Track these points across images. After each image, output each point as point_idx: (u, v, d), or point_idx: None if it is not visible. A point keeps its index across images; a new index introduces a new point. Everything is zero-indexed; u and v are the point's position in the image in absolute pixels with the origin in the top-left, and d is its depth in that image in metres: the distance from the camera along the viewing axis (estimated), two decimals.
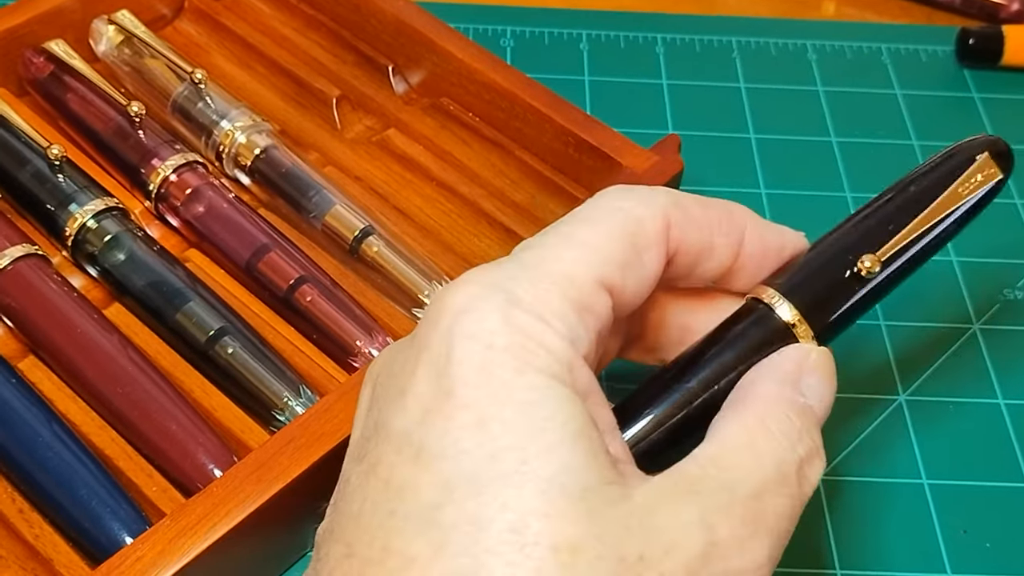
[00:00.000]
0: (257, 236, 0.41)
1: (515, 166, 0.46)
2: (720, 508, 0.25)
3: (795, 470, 0.26)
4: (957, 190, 0.31)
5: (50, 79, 0.45)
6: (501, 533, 0.23)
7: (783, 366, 0.28)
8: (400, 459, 0.24)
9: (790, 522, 0.26)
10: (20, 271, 0.38)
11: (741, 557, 0.24)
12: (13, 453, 0.34)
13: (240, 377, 0.37)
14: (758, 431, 0.27)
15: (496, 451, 0.23)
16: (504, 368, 0.24)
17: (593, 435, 0.24)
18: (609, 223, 0.27)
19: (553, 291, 0.25)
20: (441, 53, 0.47)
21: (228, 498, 0.32)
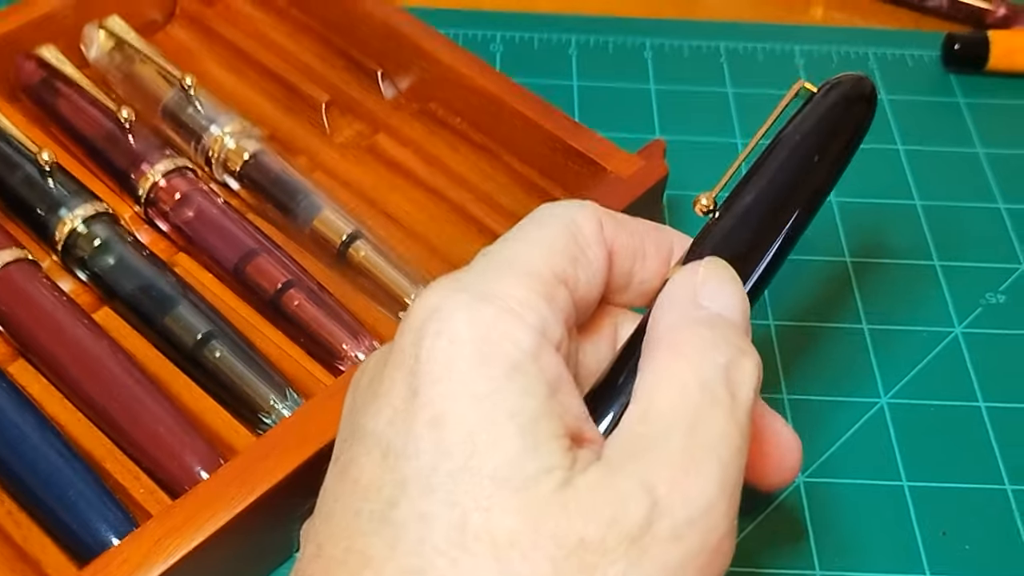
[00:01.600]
0: (245, 241, 0.41)
1: (502, 171, 0.47)
2: (657, 463, 0.24)
3: (721, 381, 0.25)
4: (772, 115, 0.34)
5: (41, 85, 0.45)
6: (447, 530, 0.23)
7: (675, 294, 0.28)
8: (369, 460, 0.25)
9: (736, 440, 0.25)
10: (10, 275, 0.39)
11: (686, 504, 0.24)
12: (2, 455, 0.35)
13: (227, 380, 0.38)
14: (672, 361, 0.26)
15: (448, 447, 0.24)
16: (465, 362, 0.25)
17: (544, 425, 0.24)
18: (552, 223, 0.28)
19: (518, 283, 0.26)
20: (430, 58, 0.48)
21: (214, 500, 0.33)
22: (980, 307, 0.46)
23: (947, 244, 0.49)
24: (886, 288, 0.47)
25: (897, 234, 0.49)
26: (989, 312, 0.46)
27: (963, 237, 0.49)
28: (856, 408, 0.42)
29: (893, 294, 0.46)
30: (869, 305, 0.46)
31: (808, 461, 0.41)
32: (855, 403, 0.42)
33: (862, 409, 0.42)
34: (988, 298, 0.47)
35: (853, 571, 0.38)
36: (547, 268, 0.27)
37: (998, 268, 0.48)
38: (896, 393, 0.43)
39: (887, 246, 0.48)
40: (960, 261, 0.48)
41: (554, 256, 0.27)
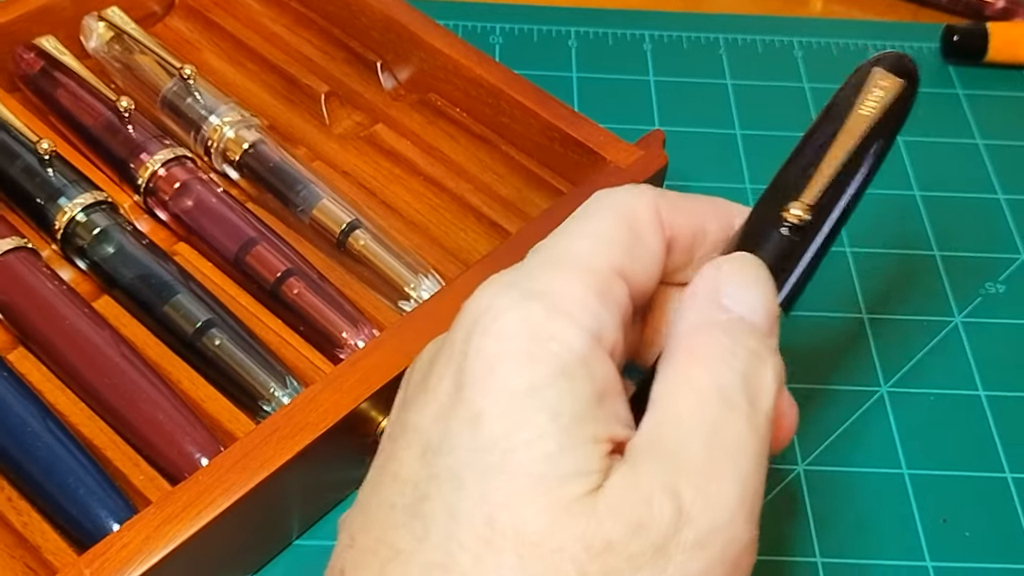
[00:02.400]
0: (245, 230, 0.41)
1: (501, 161, 0.47)
2: (681, 469, 0.24)
3: (740, 388, 0.25)
4: (859, 111, 0.29)
5: (40, 75, 0.45)
6: (475, 527, 0.23)
7: (697, 293, 0.27)
8: (409, 454, 0.25)
9: (755, 447, 0.24)
10: (9, 264, 0.39)
11: (709, 512, 0.23)
12: (2, 443, 0.35)
13: (227, 368, 0.38)
14: (689, 366, 0.25)
15: (484, 445, 0.23)
16: (511, 362, 0.24)
17: (584, 427, 0.24)
18: (606, 214, 0.27)
19: (573, 281, 0.25)
20: (429, 49, 0.48)
21: (213, 486, 0.33)
22: (980, 297, 0.46)
23: (947, 234, 0.49)
24: (886, 278, 0.47)
25: (897, 224, 0.49)
26: (989, 302, 0.46)
27: (962, 227, 0.49)
28: (856, 397, 0.42)
29: (893, 284, 0.47)
30: (869, 295, 0.46)
31: (809, 449, 0.41)
32: (855, 392, 0.42)
33: (862, 398, 0.42)
34: (987, 288, 0.47)
35: (854, 558, 0.38)
36: (603, 262, 0.26)
37: (997, 258, 0.48)
38: (896, 382, 0.43)
39: (887, 236, 0.48)
40: (959, 251, 0.48)
41: (610, 249, 0.26)
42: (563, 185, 0.45)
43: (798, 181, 0.29)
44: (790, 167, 0.30)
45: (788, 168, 0.30)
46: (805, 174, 0.29)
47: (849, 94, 0.30)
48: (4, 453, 0.35)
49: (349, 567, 0.25)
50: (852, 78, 0.30)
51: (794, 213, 0.28)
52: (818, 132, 0.30)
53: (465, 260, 0.44)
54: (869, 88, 0.30)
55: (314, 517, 0.38)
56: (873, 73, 0.30)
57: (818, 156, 0.29)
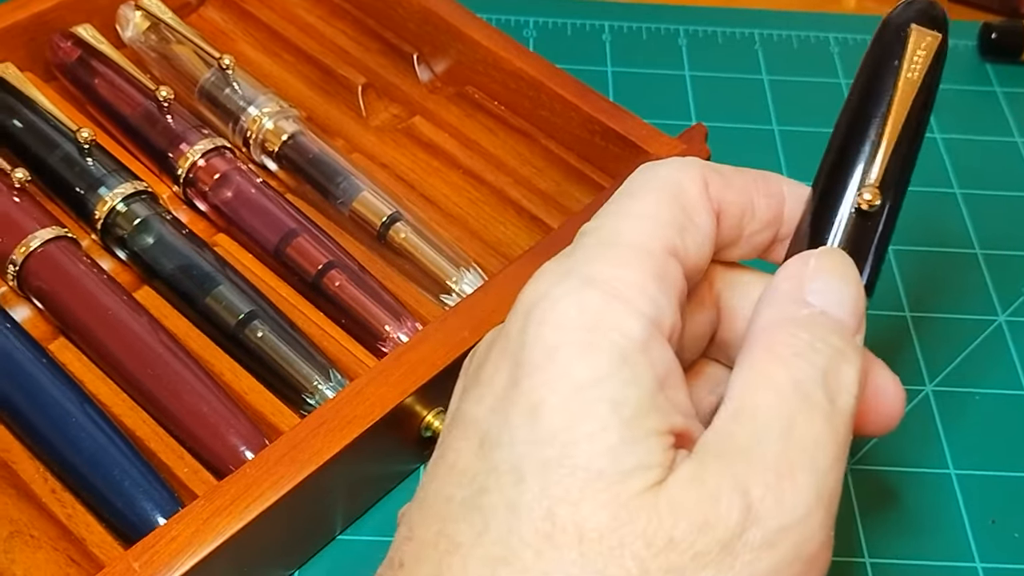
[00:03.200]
0: (285, 221, 0.41)
1: (540, 154, 0.46)
2: (751, 465, 0.23)
3: (819, 385, 0.24)
4: (908, 76, 0.28)
5: (78, 64, 0.45)
6: (535, 521, 0.22)
7: (780, 288, 0.26)
8: (466, 445, 0.24)
9: (834, 448, 0.24)
10: (50, 253, 0.38)
11: (781, 510, 0.23)
12: (46, 433, 0.35)
13: (270, 360, 0.37)
14: (767, 362, 0.24)
15: (544, 437, 0.23)
16: (569, 351, 0.24)
17: (647, 419, 0.23)
18: (654, 191, 0.26)
19: (629, 266, 0.25)
20: (467, 41, 0.47)
21: (261, 479, 0.32)
22: (1023, 296, 0.46)
23: (988, 233, 0.48)
24: (928, 276, 0.46)
25: (938, 222, 0.49)
26: None
27: (1003, 225, 0.49)
28: None
29: (935, 282, 0.46)
30: (912, 293, 0.45)
31: (854, 448, 0.40)
32: None
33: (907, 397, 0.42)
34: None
35: (902, 559, 0.37)
36: (656, 242, 0.25)
37: None
38: (941, 381, 0.42)
39: (928, 234, 0.48)
40: (1002, 250, 0.47)
41: (662, 228, 0.26)
42: (603, 179, 0.45)
43: (862, 159, 0.28)
44: (850, 144, 0.28)
45: (848, 146, 0.28)
46: (868, 151, 0.28)
47: (890, 57, 0.28)
48: (48, 444, 0.35)
49: (408, 560, 0.24)
50: (886, 36, 0.28)
51: (866, 198, 0.27)
52: (869, 102, 0.28)
53: (505, 254, 0.43)
54: (913, 50, 0.28)
55: (357, 512, 0.37)
56: (912, 32, 0.28)
57: (877, 130, 0.28)
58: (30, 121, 0.42)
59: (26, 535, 0.34)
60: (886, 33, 0.28)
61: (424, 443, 0.37)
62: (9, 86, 0.43)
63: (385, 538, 0.37)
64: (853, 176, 0.28)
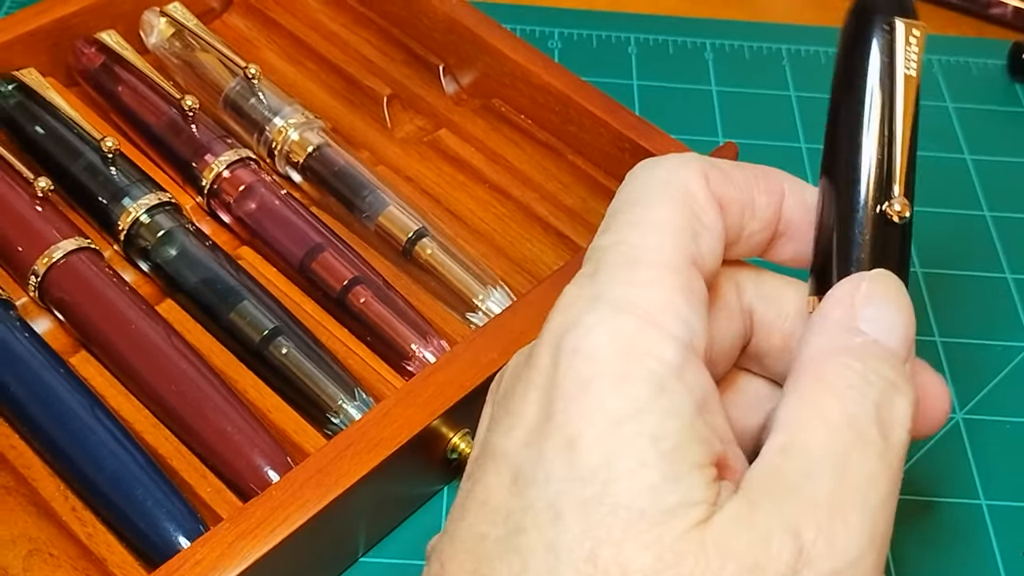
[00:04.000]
0: (311, 235, 0.40)
1: (567, 170, 0.46)
2: (802, 504, 0.22)
3: (873, 420, 0.23)
4: (907, 73, 0.26)
5: (101, 70, 0.44)
6: (576, 563, 0.22)
7: (830, 314, 0.25)
8: (498, 481, 0.24)
9: (887, 485, 0.23)
10: (73, 265, 0.38)
11: (833, 553, 0.22)
12: (67, 450, 0.34)
13: (294, 378, 0.37)
14: (818, 394, 0.24)
15: (581, 473, 0.22)
16: (604, 382, 0.23)
17: (689, 452, 0.23)
18: (663, 197, 0.25)
19: (657, 285, 0.24)
20: (494, 53, 0.47)
21: (287, 502, 0.32)
22: None
23: (1018, 256, 0.48)
24: (957, 301, 0.46)
25: (967, 245, 0.48)
26: None
27: None
28: None
29: (965, 307, 0.45)
30: (941, 318, 0.45)
31: None
32: None
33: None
34: None
35: None
36: (677, 256, 0.24)
37: None
38: (971, 409, 0.42)
39: (957, 257, 0.47)
40: None
41: (679, 238, 0.25)
42: None
43: (882, 168, 0.26)
44: (862, 152, 0.26)
45: (861, 153, 0.26)
46: (886, 158, 0.26)
47: (883, 56, 0.26)
48: (69, 461, 0.34)
49: None
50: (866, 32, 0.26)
51: (896, 209, 0.26)
52: (874, 106, 0.26)
53: (531, 271, 0.43)
54: (906, 44, 0.26)
55: (381, 534, 0.37)
56: (900, 26, 0.26)
57: (890, 134, 0.26)
58: (53, 128, 0.41)
59: (45, 553, 0.33)
60: (865, 29, 0.26)
61: (449, 465, 0.37)
62: (31, 92, 0.43)
63: (408, 561, 0.36)
64: (877, 185, 0.26)
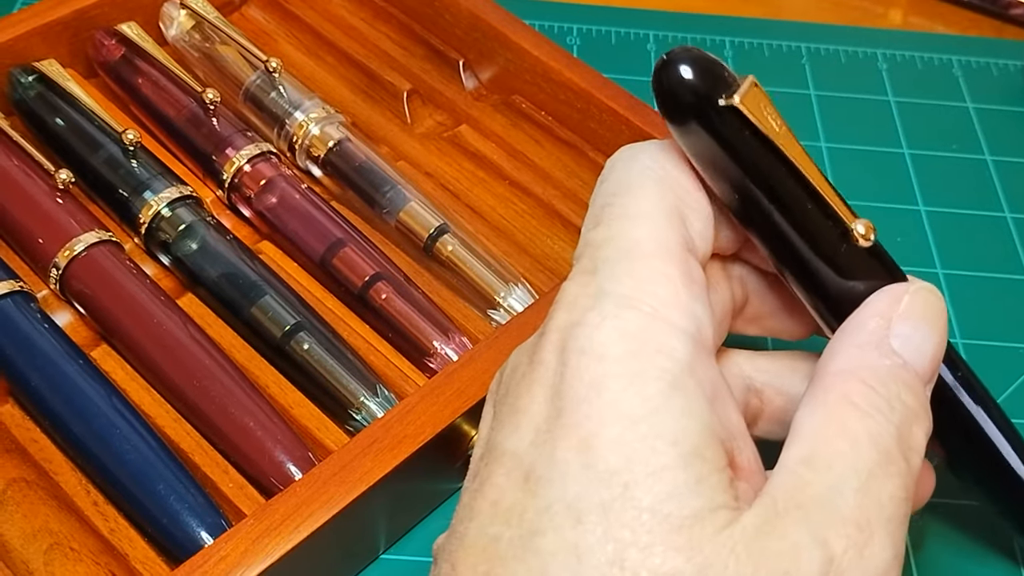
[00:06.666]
0: (332, 230, 0.40)
1: (588, 167, 0.45)
2: (830, 518, 0.23)
3: (895, 444, 0.24)
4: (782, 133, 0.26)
5: (121, 62, 0.44)
6: (600, 565, 0.22)
7: (867, 325, 0.25)
8: (509, 482, 0.23)
9: (905, 504, 0.24)
10: (94, 258, 0.38)
11: (863, 567, 0.22)
12: (88, 444, 0.34)
13: (316, 374, 0.37)
14: (845, 413, 0.24)
15: (600, 475, 0.22)
16: (615, 381, 0.23)
17: (708, 453, 0.23)
18: (647, 185, 0.25)
19: (658, 278, 0.24)
20: (515, 49, 0.46)
21: (312, 499, 0.32)
22: None
23: None
24: (978, 302, 0.45)
25: (987, 247, 0.48)
26: None
27: None
28: None
29: (986, 308, 0.45)
30: (961, 320, 0.44)
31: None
32: None
33: None
34: None
35: None
36: (672, 243, 0.25)
37: None
38: None
39: (978, 259, 0.47)
40: None
41: (671, 226, 0.25)
42: None
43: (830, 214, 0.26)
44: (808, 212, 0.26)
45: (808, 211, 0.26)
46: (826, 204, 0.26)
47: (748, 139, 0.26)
48: (91, 455, 0.34)
49: None
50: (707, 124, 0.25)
51: (862, 233, 0.26)
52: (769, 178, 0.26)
53: (552, 268, 0.42)
54: (755, 111, 0.26)
55: (401, 531, 0.36)
56: (746, 94, 0.25)
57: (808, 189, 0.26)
58: (73, 120, 0.41)
59: (66, 548, 0.33)
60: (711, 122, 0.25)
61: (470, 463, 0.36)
62: (52, 83, 0.42)
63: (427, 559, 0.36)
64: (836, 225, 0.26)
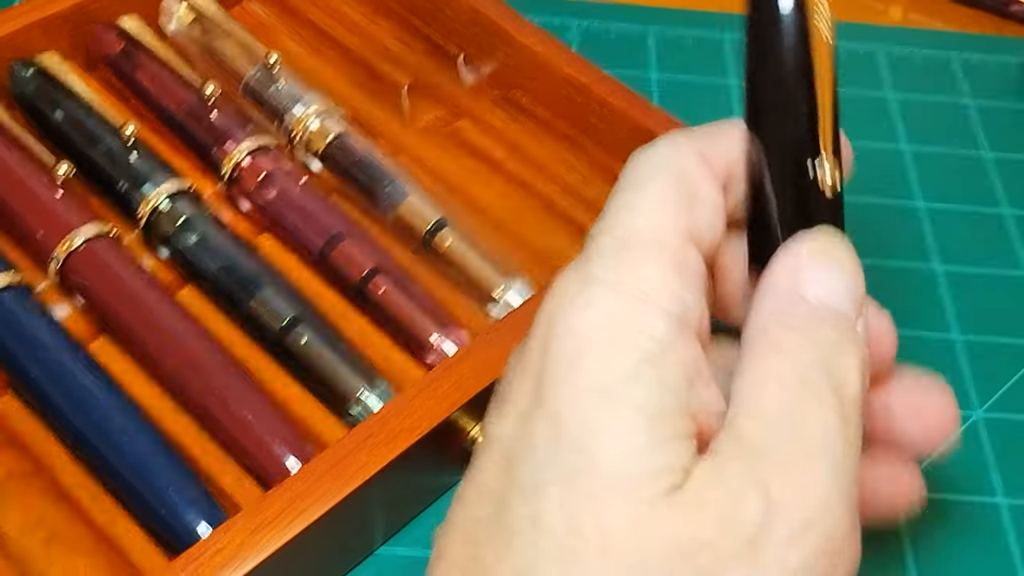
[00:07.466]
0: (331, 224, 0.40)
1: (587, 162, 0.45)
2: (768, 460, 0.23)
3: (823, 376, 0.24)
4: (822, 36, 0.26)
5: (121, 56, 0.44)
6: (555, 534, 0.22)
7: (776, 284, 0.25)
8: (491, 466, 0.24)
9: (845, 436, 0.23)
10: (93, 251, 0.38)
11: (802, 504, 0.22)
12: (86, 436, 0.34)
13: (314, 368, 0.37)
14: (770, 358, 0.24)
15: (566, 447, 0.23)
16: (592, 360, 0.23)
17: (675, 422, 0.23)
18: (656, 179, 0.26)
19: (648, 263, 0.24)
20: (515, 44, 0.46)
21: (307, 493, 0.32)
22: None
23: None
24: (978, 297, 0.45)
25: (987, 243, 0.48)
26: None
27: None
28: None
29: (985, 304, 0.45)
30: (962, 315, 0.45)
31: None
32: None
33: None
34: None
35: None
36: (671, 234, 0.25)
37: None
38: (991, 406, 0.42)
39: (977, 255, 0.47)
40: None
41: (674, 217, 0.25)
42: None
43: (805, 131, 0.26)
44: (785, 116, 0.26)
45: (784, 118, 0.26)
46: (808, 122, 0.26)
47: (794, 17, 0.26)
48: (89, 447, 0.34)
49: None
50: None
51: (828, 171, 0.26)
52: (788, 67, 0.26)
53: (551, 263, 0.42)
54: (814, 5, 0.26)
55: (397, 525, 0.37)
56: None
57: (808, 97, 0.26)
58: (73, 113, 0.41)
59: (64, 539, 0.33)
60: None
61: (468, 456, 0.36)
62: (52, 76, 0.42)
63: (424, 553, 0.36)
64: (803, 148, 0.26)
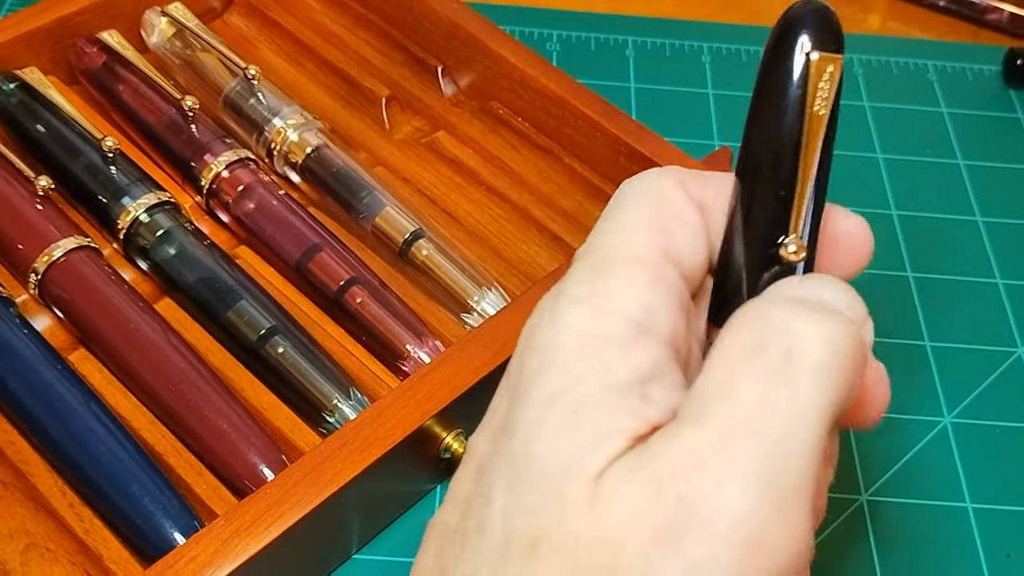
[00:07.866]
0: (308, 235, 0.41)
1: (563, 173, 0.46)
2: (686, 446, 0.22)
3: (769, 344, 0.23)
4: (815, 111, 0.25)
5: (103, 69, 0.45)
6: (493, 539, 0.23)
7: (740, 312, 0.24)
8: (467, 476, 0.25)
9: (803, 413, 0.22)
10: (72, 263, 0.38)
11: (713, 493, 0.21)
12: (64, 446, 0.34)
13: (290, 377, 0.37)
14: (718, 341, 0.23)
15: (515, 452, 0.23)
16: (552, 370, 0.24)
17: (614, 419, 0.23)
18: (636, 203, 0.26)
19: (618, 277, 0.25)
20: (494, 57, 0.47)
21: (282, 500, 0.32)
22: None
23: (1009, 262, 0.48)
24: (948, 305, 0.46)
25: (959, 251, 0.48)
26: None
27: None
28: (919, 427, 0.42)
29: (955, 311, 0.46)
30: (932, 322, 0.45)
31: (871, 479, 0.40)
32: (918, 422, 0.42)
33: (925, 428, 0.42)
34: None
35: None
36: (646, 250, 0.25)
37: None
38: (960, 412, 0.42)
39: (949, 262, 0.48)
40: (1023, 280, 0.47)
41: (649, 236, 0.25)
42: None
43: (779, 207, 0.26)
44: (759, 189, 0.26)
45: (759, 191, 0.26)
46: (783, 198, 0.25)
47: (792, 88, 0.25)
48: (67, 457, 0.34)
49: None
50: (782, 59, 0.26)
51: (792, 251, 0.25)
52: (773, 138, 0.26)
53: (526, 273, 0.43)
54: (817, 79, 0.25)
55: (373, 531, 0.37)
56: (814, 60, 0.25)
57: (789, 173, 0.25)
58: (54, 127, 0.42)
59: (42, 548, 0.34)
60: (780, 54, 0.25)
61: (442, 464, 0.37)
62: (33, 91, 0.43)
63: (400, 559, 0.37)
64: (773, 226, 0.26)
